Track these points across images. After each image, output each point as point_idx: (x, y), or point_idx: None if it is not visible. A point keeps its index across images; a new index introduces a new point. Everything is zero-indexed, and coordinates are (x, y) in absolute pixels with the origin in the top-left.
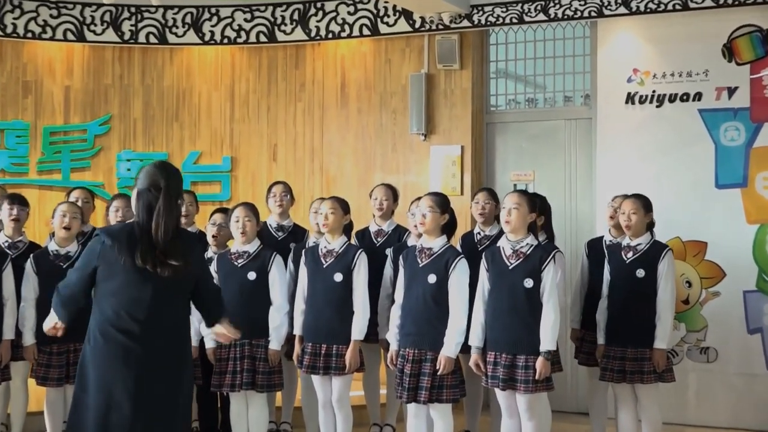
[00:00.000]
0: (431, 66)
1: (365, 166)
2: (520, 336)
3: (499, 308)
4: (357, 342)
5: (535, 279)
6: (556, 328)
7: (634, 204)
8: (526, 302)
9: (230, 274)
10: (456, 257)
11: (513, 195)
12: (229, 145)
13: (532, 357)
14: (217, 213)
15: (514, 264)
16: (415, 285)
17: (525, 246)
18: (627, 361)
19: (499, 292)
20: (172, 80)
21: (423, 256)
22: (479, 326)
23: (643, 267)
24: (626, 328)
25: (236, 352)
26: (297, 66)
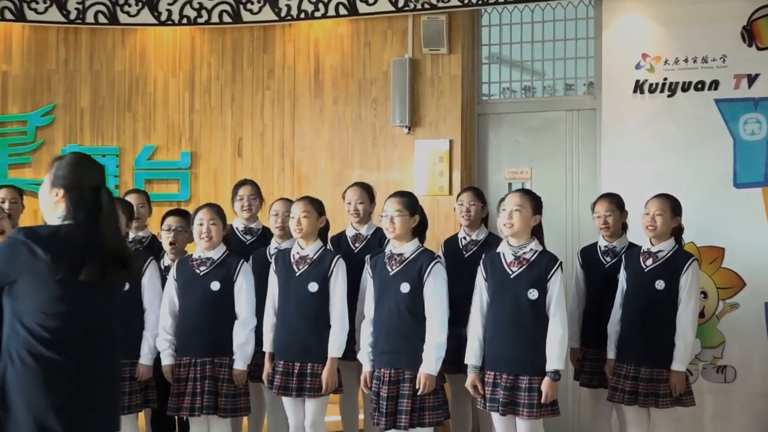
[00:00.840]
0: (416, 50)
1: (342, 162)
2: (523, 354)
3: (500, 322)
4: (334, 360)
5: (540, 289)
6: (564, 345)
7: (662, 203)
8: (530, 315)
9: (191, 283)
10: (430, 261)
11: (515, 195)
12: (189, 139)
13: (536, 378)
14: (170, 216)
15: (516, 272)
16: (386, 296)
17: (529, 252)
18: (640, 381)
19: (499, 304)
20: (124, 65)
21: (393, 263)
22: (477, 343)
23: (663, 278)
24: (641, 345)
25: (197, 372)
26: (265, 50)
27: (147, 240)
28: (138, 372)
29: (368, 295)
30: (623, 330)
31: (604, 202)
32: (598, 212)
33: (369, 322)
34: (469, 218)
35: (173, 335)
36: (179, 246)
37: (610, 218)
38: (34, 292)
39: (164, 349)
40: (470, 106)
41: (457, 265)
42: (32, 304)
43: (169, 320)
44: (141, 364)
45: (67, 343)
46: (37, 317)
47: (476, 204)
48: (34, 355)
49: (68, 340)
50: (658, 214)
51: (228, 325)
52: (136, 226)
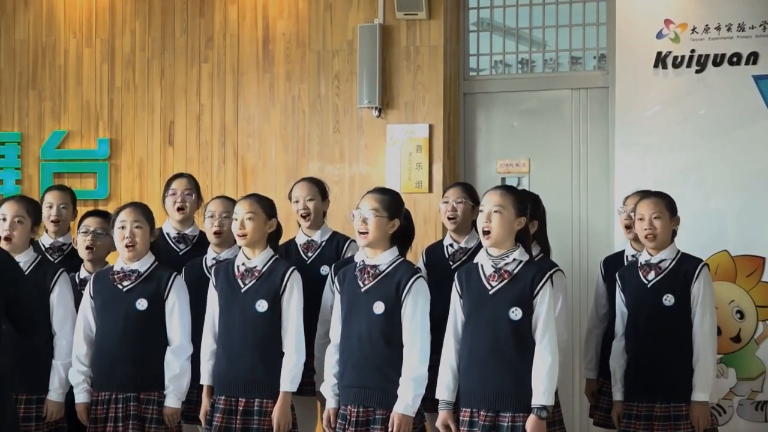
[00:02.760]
0: (388, 14)
1: (296, 152)
2: (504, 387)
3: (477, 348)
4: (288, 395)
5: (524, 308)
6: (553, 376)
7: (656, 205)
8: (512, 340)
9: (112, 302)
10: (411, 276)
11: (493, 194)
12: (108, 123)
13: (520, 415)
14: (89, 217)
15: (496, 287)
16: (356, 317)
17: (512, 263)
18: (655, 421)
19: (476, 325)
20: (27, 32)
21: (366, 277)
22: (450, 373)
23: (671, 291)
24: (652, 376)
25: (118, 410)
26: (202, 13)
27: (69, 247)
28: (46, 410)
29: (334, 314)
30: (629, 361)
31: (650, 203)
32: (641, 214)
33: (335, 348)
34: (456, 220)
35: (89, 366)
36: (98, 252)
37: (658, 221)
38: None
39: (78, 382)
40: (454, 84)
41: (442, 278)
42: None
43: (84, 347)
44: (50, 400)
45: None
46: None
47: (465, 202)
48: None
49: None
50: (655, 217)
51: (157, 352)
52: (54, 231)
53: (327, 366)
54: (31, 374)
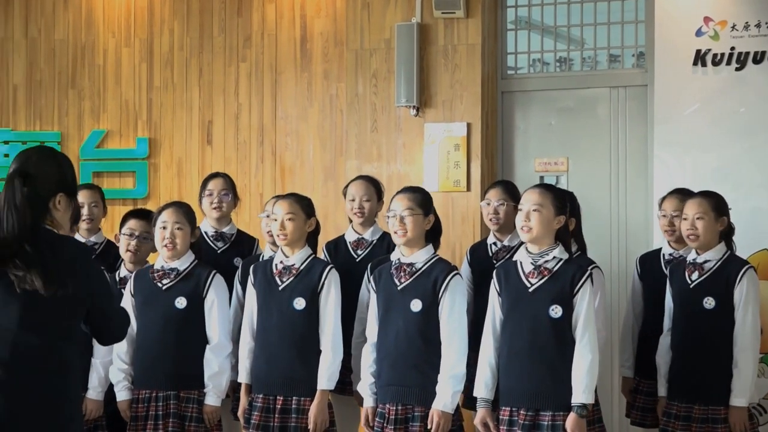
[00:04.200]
0: (425, 13)
1: (334, 151)
2: (544, 385)
3: (516, 346)
4: (325, 393)
5: (564, 306)
6: (593, 374)
7: (699, 205)
8: (552, 338)
9: (152, 300)
10: (447, 273)
11: (532, 192)
12: (147, 123)
13: (560, 414)
14: (133, 218)
15: (535, 285)
16: (393, 316)
17: (551, 260)
18: (693, 423)
19: (515, 323)
20: (67, 33)
21: (402, 275)
22: (488, 371)
23: (713, 294)
24: (691, 377)
25: (158, 408)
26: (240, 13)
27: (101, 246)
28: (85, 409)
29: (370, 313)
30: (673, 360)
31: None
32: (686, 214)
33: (371, 347)
34: (498, 221)
35: (130, 364)
36: (141, 255)
37: (702, 222)
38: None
39: (119, 380)
40: (492, 82)
41: (487, 277)
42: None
43: (124, 345)
44: (89, 399)
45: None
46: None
47: (507, 203)
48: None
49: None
50: (698, 218)
51: (197, 351)
52: (86, 229)
53: (364, 365)
54: None
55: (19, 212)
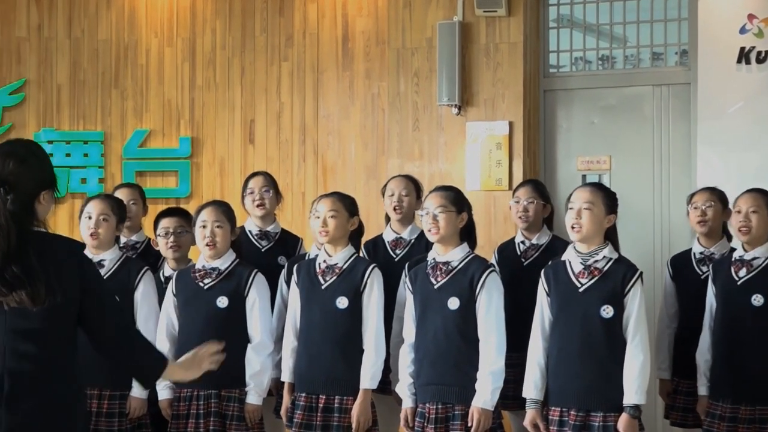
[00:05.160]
0: (467, 11)
1: (376, 150)
2: (595, 385)
3: (567, 347)
4: (368, 392)
5: (616, 306)
6: (645, 375)
7: (755, 199)
8: (603, 338)
9: (193, 299)
10: (484, 270)
11: (585, 190)
12: (189, 122)
13: (612, 415)
14: (165, 217)
15: (585, 285)
16: (430, 315)
17: (601, 260)
18: (740, 424)
19: (565, 324)
20: (110, 32)
21: (438, 274)
22: (538, 371)
23: (761, 291)
24: (738, 377)
25: (200, 407)
26: (282, 12)
27: (142, 245)
28: (129, 407)
29: (407, 314)
30: (715, 359)
31: (750, 197)
32: (739, 207)
33: (409, 347)
34: (527, 219)
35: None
36: (182, 250)
37: (756, 216)
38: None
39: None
40: (534, 81)
41: (515, 275)
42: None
43: (167, 344)
44: (133, 397)
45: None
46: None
47: (535, 201)
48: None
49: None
50: (752, 211)
51: (238, 350)
52: (128, 226)
53: (401, 366)
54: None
55: (4, 231)
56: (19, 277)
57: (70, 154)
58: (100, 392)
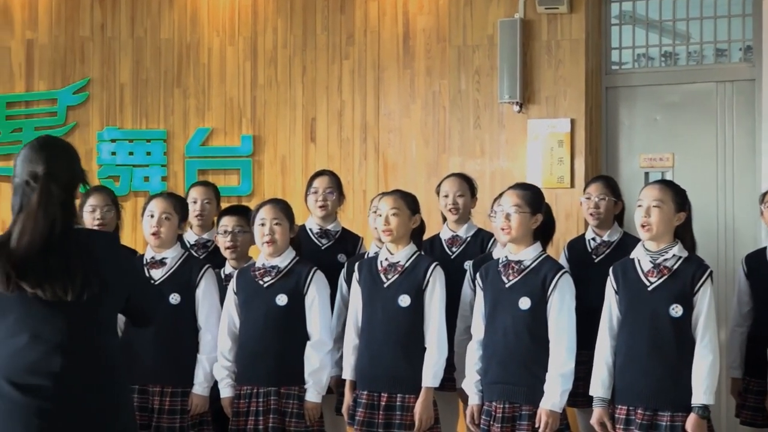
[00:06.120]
0: (528, 9)
1: (437, 147)
2: (663, 384)
3: (635, 345)
4: (430, 390)
5: (685, 305)
6: (714, 375)
7: None
8: (672, 337)
9: (253, 297)
10: (557, 272)
11: (653, 188)
12: (251, 121)
13: (680, 414)
14: (226, 216)
15: (654, 283)
16: (500, 313)
17: (670, 258)
18: None
19: (633, 322)
20: (172, 32)
21: (510, 273)
22: (605, 370)
23: None
24: None
25: (259, 404)
26: (343, 10)
27: (213, 244)
28: (191, 404)
29: (476, 311)
30: None
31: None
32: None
33: (477, 344)
34: (598, 215)
35: (233, 361)
36: (241, 250)
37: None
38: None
39: (222, 377)
40: (596, 78)
41: (586, 272)
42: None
43: (228, 343)
44: (195, 394)
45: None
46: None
47: (607, 198)
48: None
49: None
50: None
51: (298, 347)
52: (199, 225)
53: (469, 362)
54: (177, 368)
55: (49, 220)
56: (58, 269)
57: (133, 152)
58: (161, 389)
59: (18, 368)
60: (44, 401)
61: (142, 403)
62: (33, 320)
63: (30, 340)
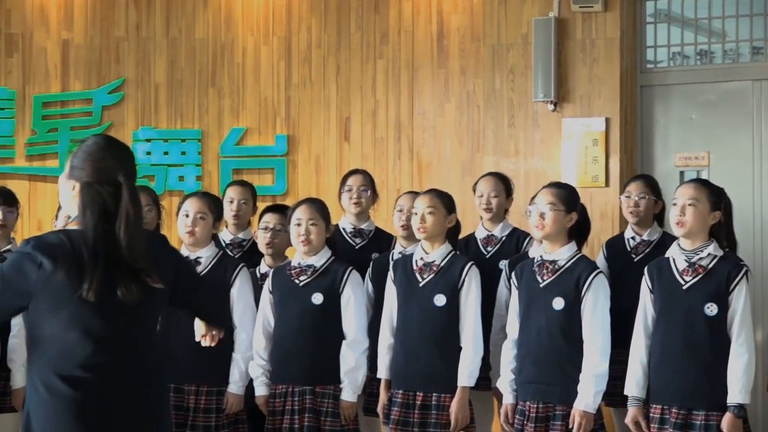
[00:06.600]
0: (563, 7)
1: (471, 146)
2: (697, 384)
3: (669, 344)
4: (466, 390)
5: (720, 304)
6: (750, 374)
7: None
8: (706, 336)
9: (289, 296)
10: (591, 271)
11: (688, 187)
12: (285, 120)
13: (714, 414)
14: (269, 213)
15: (690, 282)
16: (534, 313)
17: (706, 257)
18: None
19: (668, 321)
20: (207, 31)
21: (545, 273)
22: (640, 369)
23: None
24: None
25: (294, 403)
26: (377, 10)
27: (248, 243)
28: (226, 402)
29: (511, 310)
30: None
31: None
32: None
33: (512, 343)
34: (638, 214)
35: (268, 360)
36: (277, 248)
37: None
38: (53, 313)
39: (257, 376)
40: (631, 76)
41: (625, 271)
42: (53, 328)
43: (263, 341)
44: (230, 393)
45: (91, 373)
46: (57, 343)
47: (647, 196)
48: (55, 387)
49: (93, 370)
50: None
51: (333, 346)
52: (235, 224)
53: (504, 361)
54: (212, 367)
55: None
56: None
57: (167, 152)
58: (197, 388)
59: (68, 363)
60: (91, 396)
61: (177, 402)
62: (86, 316)
63: (81, 336)
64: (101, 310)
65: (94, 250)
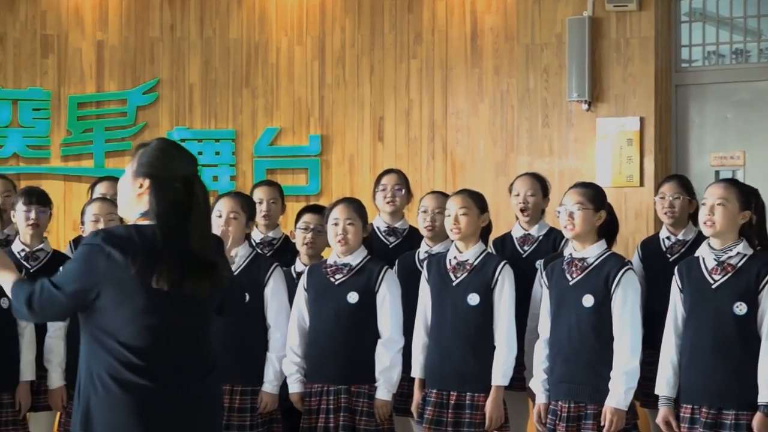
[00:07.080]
0: (597, 6)
1: (505, 146)
2: (727, 383)
3: (699, 344)
4: (500, 389)
5: (749, 303)
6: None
7: None
8: (736, 335)
9: (324, 295)
10: (620, 268)
11: (717, 186)
12: (319, 120)
13: (744, 413)
14: (309, 213)
15: (719, 281)
16: (565, 311)
17: (735, 256)
18: None
19: (698, 321)
20: (241, 32)
21: (574, 270)
22: (670, 369)
23: None
24: None
25: (329, 402)
26: (410, 9)
27: (278, 241)
28: (260, 401)
29: (543, 309)
30: None
31: None
32: None
33: (544, 342)
34: (673, 214)
35: (302, 357)
36: (317, 248)
37: None
38: (118, 305)
39: (291, 373)
40: (666, 76)
41: (660, 271)
42: (117, 321)
43: (297, 339)
44: (265, 392)
45: (156, 365)
46: (122, 336)
47: (681, 196)
48: (119, 381)
49: (158, 362)
50: None
51: (368, 345)
52: (265, 224)
53: (536, 361)
54: (247, 366)
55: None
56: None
57: (202, 152)
58: (231, 388)
59: (133, 357)
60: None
61: None
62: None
63: (146, 329)
64: (171, 302)
65: (166, 243)
